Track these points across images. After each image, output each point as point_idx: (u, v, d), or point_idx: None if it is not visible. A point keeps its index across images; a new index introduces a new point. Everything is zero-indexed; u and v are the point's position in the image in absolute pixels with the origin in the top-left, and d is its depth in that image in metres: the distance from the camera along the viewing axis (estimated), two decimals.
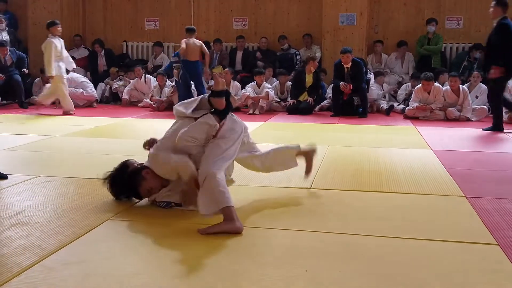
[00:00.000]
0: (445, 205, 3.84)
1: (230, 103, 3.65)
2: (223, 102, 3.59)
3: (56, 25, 9.27)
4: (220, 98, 3.57)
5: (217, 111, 3.59)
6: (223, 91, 3.61)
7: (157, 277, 2.54)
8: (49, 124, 8.12)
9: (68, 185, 4.25)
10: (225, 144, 3.48)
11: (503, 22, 7.52)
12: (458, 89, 9.09)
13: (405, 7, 11.51)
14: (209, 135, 3.53)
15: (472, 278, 2.57)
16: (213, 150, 3.44)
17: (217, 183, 3.24)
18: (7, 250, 2.84)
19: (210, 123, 3.53)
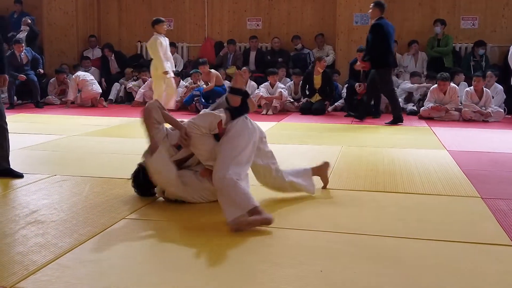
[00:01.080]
0: (460, 206, 3.80)
1: (247, 105, 3.63)
2: (238, 100, 3.58)
3: (161, 22, 9.12)
4: (235, 95, 3.58)
5: (231, 108, 3.59)
6: (240, 90, 3.61)
7: (171, 276, 2.54)
8: (64, 123, 8.18)
9: (83, 184, 4.28)
10: (236, 146, 3.41)
11: (377, 22, 8.28)
12: (482, 90, 9.00)
13: (420, 7, 11.44)
14: (213, 126, 3.51)
15: (488, 280, 2.55)
16: (225, 152, 3.39)
17: (237, 188, 3.25)
18: (23, 248, 2.86)
19: (215, 113, 3.53)
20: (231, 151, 3.39)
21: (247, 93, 3.68)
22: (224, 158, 3.37)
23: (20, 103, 10.74)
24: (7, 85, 4.78)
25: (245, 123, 3.56)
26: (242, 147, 3.43)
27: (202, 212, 3.54)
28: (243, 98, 3.61)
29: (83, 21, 12.39)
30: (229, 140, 3.45)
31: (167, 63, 9.03)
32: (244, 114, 3.61)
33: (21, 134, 6.59)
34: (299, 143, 6.46)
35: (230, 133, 3.48)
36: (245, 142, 3.46)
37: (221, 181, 3.27)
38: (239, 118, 3.56)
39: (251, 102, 3.69)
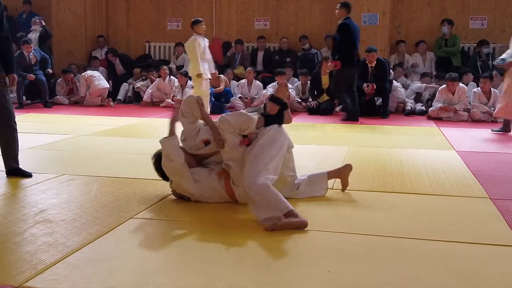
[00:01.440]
0: (469, 207, 3.78)
1: (283, 116, 3.64)
2: (276, 109, 3.60)
3: (200, 23, 8.98)
4: (274, 104, 3.60)
5: (266, 115, 3.60)
6: (281, 100, 3.62)
7: (179, 275, 2.55)
8: (73, 123, 8.21)
9: (91, 184, 4.29)
10: (267, 154, 3.42)
11: (344, 22, 8.55)
12: (490, 91, 8.95)
13: (429, 7, 11.39)
14: (244, 127, 3.54)
15: (498, 281, 2.53)
16: (256, 158, 3.40)
17: (271, 192, 3.28)
18: (31, 247, 2.88)
19: (249, 115, 3.57)
20: (262, 158, 3.41)
21: (287, 105, 3.69)
22: (255, 164, 3.38)
23: (29, 103, 10.79)
24: (16, 85, 4.80)
25: (278, 132, 3.58)
26: (272, 155, 3.45)
27: (209, 213, 3.54)
28: (281, 109, 3.63)
29: (91, 21, 12.43)
30: (260, 147, 3.47)
31: (204, 64, 8.86)
32: (278, 124, 3.62)
33: (29, 134, 6.62)
34: (306, 143, 6.44)
35: (261, 140, 3.50)
36: (275, 151, 3.47)
37: (253, 186, 3.28)
38: (273, 126, 3.58)
39: (287, 115, 3.70)
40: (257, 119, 3.60)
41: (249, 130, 3.57)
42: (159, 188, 4.09)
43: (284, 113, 3.66)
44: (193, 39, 8.84)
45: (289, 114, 3.74)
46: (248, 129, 3.57)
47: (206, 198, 3.71)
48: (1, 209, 3.63)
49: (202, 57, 8.81)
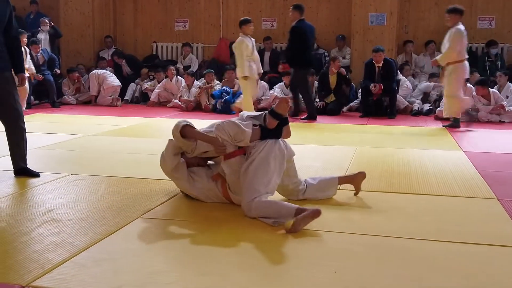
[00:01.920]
0: (476, 208, 3.77)
1: (281, 131, 3.59)
2: (274, 124, 3.55)
3: (249, 23, 8.87)
4: (273, 118, 3.55)
5: (263, 128, 3.56)
6: (280, 116, 3.56)
7: (186, 275, 2.56)
8: (80, 123, 8.24)
9: (99, 183, 4.31)
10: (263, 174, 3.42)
11: (296, 24, 8.68)
12: (488, 93, 8.91)
13: (436, 7, 11.34)
14: (237, 138, 3.49)
15: (505, 282, 2.52)
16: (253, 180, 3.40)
17: (271, 203, 3.34)
18: (39, 246, 2.89)
19: (242, 127, 3.49)
20: (258, 181, 3.40)
21: (287, 120, 3.63)
22: (252, 185, 3.40)
23: (37, 103, 10.84)
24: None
25: (273, 147, 3.51)
26: (269, 176, 3.44)
27: (216, 213, 3.54)
28: (280, 124, 3.58)
29: (99, 21, 12.47)
30: (256, 166, 3.44)
31: (252, 65, 8.78)
32: (275, 138, 3.56)
33: (37, 134, 6.65)
34: (313, 143, 6.44)
35: (257, 159, 3.46)
36: (271, 171, 3.45)
37: (250, 205, 3.35)
38: (268, 141, 3.53)
39: (286, 130, 3.63)
40: (253, 131, 3.52)
41: (243, 143, 3.52)
42: (166, 188, 4.10)
43: (283, 128, 3.60)
44: (241, 41, 8.74)
45: (289, 130, 3.66)
46: (243, 141, 3.51)
47: (205, 198, 3.75)
48: (9, 209, 3.65)
49: (251, 57, 8.77)
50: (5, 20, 4.33)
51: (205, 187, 3.71)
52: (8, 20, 4.36)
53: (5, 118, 4.47)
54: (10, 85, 4.42)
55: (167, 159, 3.72)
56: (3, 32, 4.35)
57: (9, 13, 4.36)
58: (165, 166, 3.76)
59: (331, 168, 4.95)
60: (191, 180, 3.72)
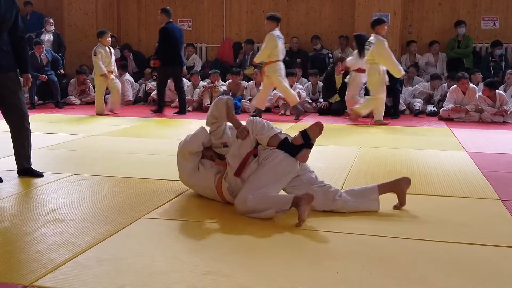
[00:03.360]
0: (479, 208, 3.76)
1: (299, 151, 3.51)
2: (299, 142, 3.53)
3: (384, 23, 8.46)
4: (301, 138, 3.53)
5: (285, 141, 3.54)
6: (309, 138, 3.54)
7: (189, 275, 2.56)
8: (83, 123, 8.26)
9: (102, 184, 4.31)
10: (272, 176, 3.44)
11: (164, 26, 9.56)
12: (494, 94, 8.89)
13: (440, 7, 11.34)
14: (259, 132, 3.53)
15: (509, 282, 2.51)
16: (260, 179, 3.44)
17: (264, 197, 3.37)
18: (42, 246, 2.90)
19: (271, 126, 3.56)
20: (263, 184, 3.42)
21: (311, 146, 3.56)
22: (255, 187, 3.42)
23: (41, 103, 10.87)
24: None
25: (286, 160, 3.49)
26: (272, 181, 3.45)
27: (218, 213, 3.55)
28: (303, 145, 3.53)
29: (103, 22, 12.49)
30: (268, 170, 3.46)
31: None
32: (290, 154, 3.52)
33: (41, 134, 6.67)
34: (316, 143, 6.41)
35: (271, 163, 3.46)
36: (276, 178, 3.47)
37: (245, 197, 3.38)
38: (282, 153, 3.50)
39: (304, 154, 3.53)
40: (275, 135, 3.53)
41: (262, 139, 3.53)
42: (169, 188, 4.11)
43: (303, 150, 3.53)
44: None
45: (307, 155, 3.55)
46: (263, 136, 3.53)
47: (201, 190, 3.82)
48: (12, 209, 3.66)
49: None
50: (11, 21, 4.34)
51: (204, 180, 3.75)
52: (14, 21, 4.38)
53: (10, 119, 4.48)
54: (15, 85, 4.43)
55: (193, 144, 3.76)
56: (9, 32, 4.36)
57: (15, 13, 4.38)
58: (187, 148, 3.77)
59: (335, 168, 4.95)
60: (196, 169, 3.77)
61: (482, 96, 8.92)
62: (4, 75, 4.35)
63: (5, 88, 4.38)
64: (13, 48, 4.41)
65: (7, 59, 4.35)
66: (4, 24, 4.29)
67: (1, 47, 4.30)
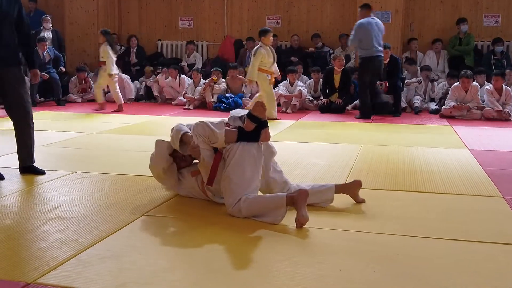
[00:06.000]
0: (482, 206, 3.76)
1: (259, 135, 3.45)
2: (251, 127, 3.44)
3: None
4: (251, 122, 3.45)
5: (240, 130, 3.47)
6: (257, 119, 3.45)
7: (190, 272, 2.55)
8: (85, 121, 8.26)
9: (103, 181, 4.31)
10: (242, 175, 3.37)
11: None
12: (501, 88, 8.88)
13: (441, 5, 11.31)
14: (211, 140, 3.44)
15: (510, 280, 2.51)
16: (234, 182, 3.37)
17: (258, 199, 3.36)
18: (44, 244, 2.90)
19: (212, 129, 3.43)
20: (237, 183, 3.37)
21: (265, 124, 3.49)
22: (233, 192, 3.37)
23: (42, 101, 10.87)
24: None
25: (247, 149, 3.42)
26: (247, 177, 3.39)
27: (221, 211, 3.54)
28: (258, 127, 3.45)
29: (104, 19, 12.48)
30: (231, 171, 3.40)
31: None
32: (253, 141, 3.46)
33: (42, 132, 6.66)
34: (318, 141, 6.43)
35: (231, 164, 3.41)
36: (248, 172, 3.40)
37: (238, 208, 3.35)
38: (241, 143, 3.44)
39: (265, 134, 3.47)
40: (228, 132, 3.45)
41: (218, 144, 3.46)
42: None
43: (262, 131, 3.45)
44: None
45: (267, 133, 3.47)
46: (217, 142, 3.45)
47: (191, 195, 3.79)
48: (14, 206, 3.66)
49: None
50: (13, 17, 4.34)
51: (189, 185, 3.75)
52: (18, 17, 4.39)
53: (13, 116, 4.49)
54: (18, 82, 4.41)
55: (160, 160, 3.71)
56: (16, 29, 4.37)
57: (18, 10, 4.38)
58: (157, 167, 3.74)
59: (336, 166, 4.94)
60: (178, 180, 3.78)
61: (491, 90, 8.89)
62: (6, 70, 4.35)
63: (7, 83, 4.38)
64: (20, 44, 4.42)
65: (9, 54, 4.35)
66: (6, 20, 4.29)
67: (3, 42, 4.30)
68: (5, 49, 4.31)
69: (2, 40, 4.29)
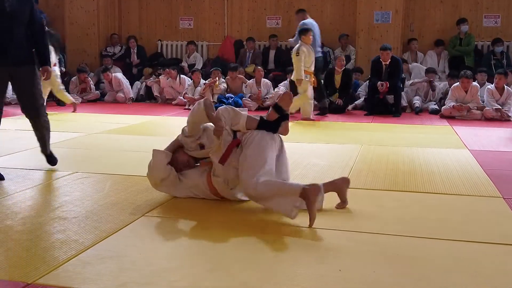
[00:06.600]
0: (482, 206, 3.76)
1: (278, 126, 3.52)
2: (274, 116, 3.52)
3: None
4: (275, 111, 3.52)
5: (262, 119, 3.54)
6: (282, 110, 3.52)
7: (191, 272, 2.56)
8: (85, 121, 8.26)
9: (104, 181, 4.32)
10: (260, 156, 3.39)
11: None
12: (503, 88, 8.89)
13: (441, 5, 11.32)
14: (233, 121, 3.51)
15: (510, 280, 2.51)
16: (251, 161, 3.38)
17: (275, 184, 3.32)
18: (44, 244, 2.91)
19: (237, 110, 3.53)
20: (255, 163, 3.38)
21: (287, 117, 3.56)
22: (251, 166, 3.37)
23: None
24: None
25: (265, 135, 3.48)
26: (265, 159, 3.39)
27: (221, 211, 3.55)
28: (280, 118, 3.52)
29: (104, 19, 12.50)
30: (252, 148, 3.43)
31: None
32: (270, 132, 3.51)
33: None
34: (318, 141, 6.44)
35: (251, 146, 3.44)
36: (265, 154, 3.41)
37: (256, 186, 3.31)
38: (260, 131, 3.49)
39: (285, 126, 3.55)
40: (250, 118, 3.53)
41: (240, 126, 3.53)
42: None
43: (282, 123, 3.54)
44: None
45: (287, 126, 3.57)
46: (239, 124, 3.52)
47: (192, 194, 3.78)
48: (14, 206, 3.66)
49: None
50: (24, 16, 4.38)
51: (191, 184, 3.74)
52: (30, 16, 4.43)
53: (27, 114, 4.56)
54: (29, 80, 4.44)
55: (157, 172, 3.71)
56: (28, 27, 4.42)
57: (30, 8, 4.42)
58: (155, 177, 3.74)
59: (336, 166, 4.95)
60: (177, 182, 3.75)
61: (492, 89, 8.89)
62: (19, 69, 4.39)
63: (21, 82, 4.44)
64: (33, 41, 4.46)
65: (22, 53, 4.39)
66: (17, 18, 4.34)
67: (16, 41, 4.34)
68: (18, 49, 4.36)
69: (15, 40, 4.34)
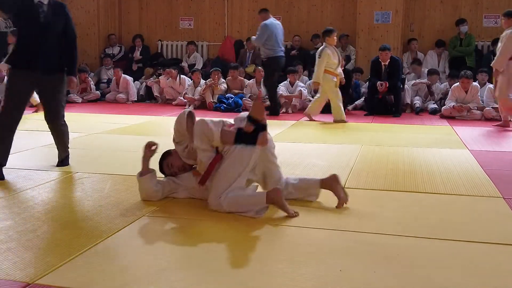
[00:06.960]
0: (482, 206, 3.76)
1: (256, 138, 3.43)
2: (250, 128, 3.43)
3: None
4: (249, 124, 3.44)
5: (239, 132, 3.47)
6: (256, 121, 3.43)
7: (190, 272, 2.56)
8: (85, 121, 8.25)
9: (104, 182, 4.32)
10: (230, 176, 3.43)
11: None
12: None
13: (441, 5, 11.32)
14: (209, 138, 3.44)
15: (510, 280, 2.51)
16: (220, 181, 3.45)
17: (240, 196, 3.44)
18: (45, 244, 2.91)
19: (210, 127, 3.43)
20: (224, 182, 3.44)
21: (265, 127, 3.46)
22: (218, 186, 3.46)
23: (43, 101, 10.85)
24: None
25: (242, 152, 3.44)
26: (234, 177, 3.45)
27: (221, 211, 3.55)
28: (256, 129, 3.44)
29: (104, 20, 12.51)
30: (223, 167, 3.46)
31: None
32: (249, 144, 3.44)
33: (43, 132, 6.65)
34: (318, 142, 6.44)
35: (226, 162, 3.45)
36: (238, 172, 3.45)
37: (221, 207, 3.43)
38: (237, 146, 3.44)
39: (263, 137, 3.43)
40: (225, 132, 3.45)
41: (216, 143, 3.47)
42: None
43: (260, 134, 3.42)
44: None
45: (265, 137, 3.45)
46: (214, 141, 3.46)
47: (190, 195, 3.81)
48: (15, 206, 3.67)
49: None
50: (57, 27, 4.52)
51: (190, 186, 3.76)
52: (65, 28, 4.58)
53: (49, 120, 4.75)
54: (57, 89, 4.64)
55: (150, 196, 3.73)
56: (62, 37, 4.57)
57: (64, 21, 4.58)
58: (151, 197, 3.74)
59: (336, 166, 4.95)
60: (174, 188, 3.79)
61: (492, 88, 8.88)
62: (48, 78, 4.55)
63: (48, 91, 4.62)
64: (64, 52, 4.60)
65: (52, 63, 4.54)
66: (50, 29, 4.48)
67: (47, 51, 4.48)
68: (48, 59, 4.50)
69: (47, 50, 4.48)
